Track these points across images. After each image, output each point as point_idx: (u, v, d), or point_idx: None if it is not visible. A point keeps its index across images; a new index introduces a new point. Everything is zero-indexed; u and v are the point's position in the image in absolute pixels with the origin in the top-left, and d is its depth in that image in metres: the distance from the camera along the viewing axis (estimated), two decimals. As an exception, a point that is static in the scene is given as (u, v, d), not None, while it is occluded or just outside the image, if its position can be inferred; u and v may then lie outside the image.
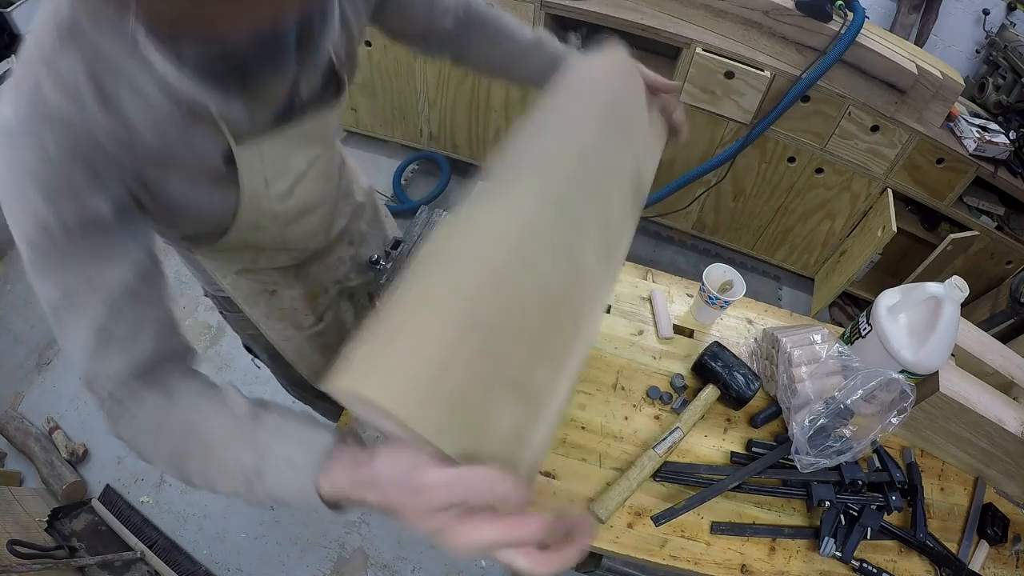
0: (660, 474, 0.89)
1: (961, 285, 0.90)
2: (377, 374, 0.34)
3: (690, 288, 1.18)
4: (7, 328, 2.08)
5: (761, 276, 2.57)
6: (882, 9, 2.38)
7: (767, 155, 2.10)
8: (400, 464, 0.39)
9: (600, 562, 1.33)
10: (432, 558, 1.66)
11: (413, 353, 0.35)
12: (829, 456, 0.86)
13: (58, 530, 1.54)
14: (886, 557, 0.90)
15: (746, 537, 0.87)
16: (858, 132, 1.92)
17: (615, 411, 0.98)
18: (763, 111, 1.92)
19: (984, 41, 2.24)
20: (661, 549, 0.85)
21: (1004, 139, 1.86)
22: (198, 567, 1.59)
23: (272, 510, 1.71)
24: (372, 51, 2.28)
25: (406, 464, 0.39)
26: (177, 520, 1.68)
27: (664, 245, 2.60)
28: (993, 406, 0.93)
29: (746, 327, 1.13)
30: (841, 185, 2.09)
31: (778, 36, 1.83)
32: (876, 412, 0.89)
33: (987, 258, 2.11)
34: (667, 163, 2.26)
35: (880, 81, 1.79)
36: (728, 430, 0.98)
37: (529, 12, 1.94)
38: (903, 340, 0.93)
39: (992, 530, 0.94)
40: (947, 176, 1.95)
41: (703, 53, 1.84)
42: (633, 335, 1.08)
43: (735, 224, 2.42)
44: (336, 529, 1.69)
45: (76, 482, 1.67)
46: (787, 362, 0.94)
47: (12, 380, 1.96)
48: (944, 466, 1.02)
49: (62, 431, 1.79)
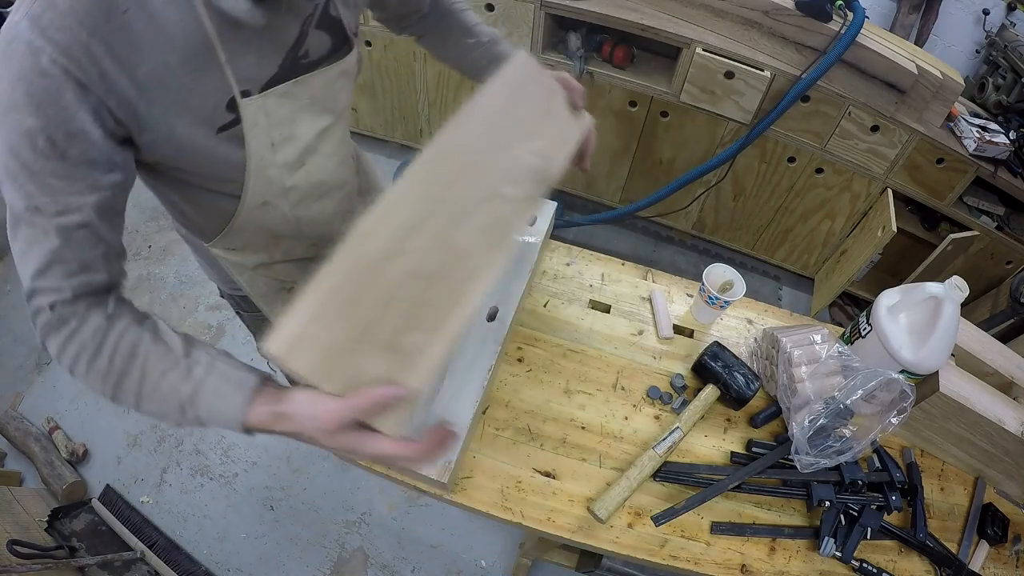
0: (660, 474, 0.89)
1: (961, 285, 0.90)
2: (278, 339, 0.49)
3: (690, 288, 1.18)
4: (7, 328, 2.08)
5: (761, 276, 2.57)
6: (882, 9, 2.38)
7: (767, 155, 2.10)
8: (305, 399, 0.51)
9: (600, 562, 1.33)
10: (432, 558, 1.66)
11: (300, 324, 0.50)
12: (829, 456, 0.86)
13: (58, 530, 1.55)
14: (886, 557, 0.90)
15: (746, 537, 0.87)
16: (858, 132, 1.92)
17: (615, 411, 0.98)
18: (763, 111, 1.92)
19: (984, 41, 2.24)
20: (661, 549, 0.85)
21: (1004, 139, 1.86)
22: (198, 567, 1.59)
23: (272, 509, 1.71)
24: (372, 51, 2.28)
25: (308, 399, 0.51)
26: (177, 520, 1.69)
27: (664, 245, 2.60)
28: (993, 406, 0.93)
29: (746, 327, 1.13)
30: (841, 185, 2.10)
31: (778, 36, 1.83)
32: (876, 412, 0.89)
33: (987, 258, 2.11)
34: (667, 163, 2.26)
35: (880, 81, 1.79)
36: (728, 430, 0.98)
37: (529, 12, 1.94)
38: (903, 340, 0.93)
39: (992, 530, 0.94)
40: (947, 176, 1.95)
41: (703, 53, 1.84)
42: (633, 335, 1.08)
43: (735, 224, 2.42)
44: (336, 529, 1.69)
45: (76, 482, 1.67)
46: (787, 362, 0.94)
47: (12, 380, 1.96)
48: (944, 466, 1.02)
49: (62, 431, 1.80)
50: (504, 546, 1.70)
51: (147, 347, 0.55)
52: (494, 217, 0.63)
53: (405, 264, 0.55)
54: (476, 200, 0.63)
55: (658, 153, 2.25)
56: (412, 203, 0.58)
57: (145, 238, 2.35)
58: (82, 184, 0.53)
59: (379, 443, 0.52)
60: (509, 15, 1.97)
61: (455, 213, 0.60)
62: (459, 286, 0.58)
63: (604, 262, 1.20)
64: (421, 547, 1.68)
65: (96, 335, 0.55)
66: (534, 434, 0.93)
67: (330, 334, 0.51)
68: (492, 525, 1.50)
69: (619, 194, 2.47)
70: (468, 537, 1.70)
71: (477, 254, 0.61)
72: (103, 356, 0.55)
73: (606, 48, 2.04)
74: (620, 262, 1.20)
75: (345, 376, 0.51)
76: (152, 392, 0.55)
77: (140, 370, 0.55)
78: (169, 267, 2.26)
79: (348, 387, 0.51)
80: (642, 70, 2.07)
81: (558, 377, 1.01)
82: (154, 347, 0.55)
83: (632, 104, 2.11)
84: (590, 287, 1.14)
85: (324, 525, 1.70)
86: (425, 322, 0.55)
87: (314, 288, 0.51)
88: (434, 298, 0.56)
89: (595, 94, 2.13)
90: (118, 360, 0.55)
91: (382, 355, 0.52)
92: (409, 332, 0.54)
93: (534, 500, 0.87)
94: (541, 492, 0.88)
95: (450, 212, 0.60)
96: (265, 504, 1.73)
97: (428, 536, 1.70)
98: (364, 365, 0.52)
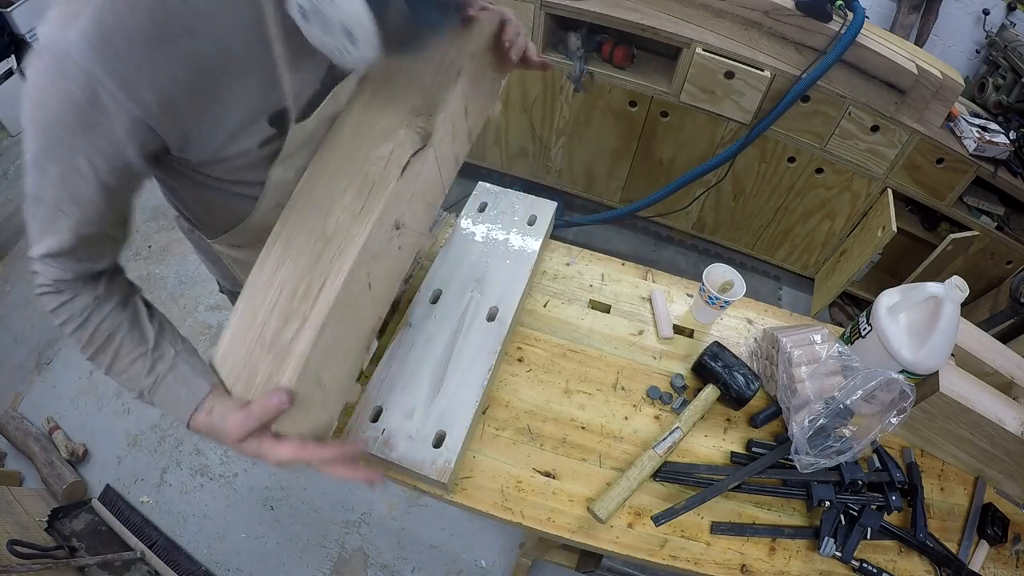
0: (660, 474, 0.89)
1: (961, 285, 0.90)
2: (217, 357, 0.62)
3: (690, 288, 1.18)
4: (7, 328, 2.08)
5: (761, 276, 2.57)
6: (882, 9, 2.38)
7: (767, 155, 2.10)
8: (218, 413, 0.59)
9: (600, 562, 1.33)
10: (432, 558, 1.66)
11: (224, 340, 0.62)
12: (829, 456, 0.86)
13: (58, 530, 1.54)
14: (886, 557, 0.90)
15: (746, 537, 0.88)
16: (858, 132, 1.92)
17: (615, 411, 0.98)
18: (763, 111, 1.92)
19: (984, 41, 2.24)
20: (661, 549, 0.85)
21: (1004, 139, 1.86)
22: (198, 567, 1.59)
23: (272, 509, 1.72)
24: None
25: (220, 413, 0.59)
26: (177, 520, 1.69)
27: (664, 245, 2.60)
28: (993, 406, 0.93)
29: (746, 327, 1.13)
30: (841, 185, 2.09)
31: (778, 36, 1.83)
32: (876, 412, 0.89)
33: (987, 258, 2.11)
34: (667, 163, 2.26)
35: (880, 81, 1.79)
36: (728, 430, 0.98)
37: (529, 12, 1.94)
38: (903, 340, 0.93)
39: (992, 530, 0.94)
40: (947, 176, 1.95)
41: (703, 53, 1.84)
42: (633, 335, 1.08)
43: (735, 224, 2.42)
44: (336, 529, 1.69)
45: (76, 482, 1.67)
46: (787, 362, 0.94)
47: (12, 380, 1.95)
48: (944, 466, 1.02)
49: (62, 431, 1.79)
50: (504, 546, 1.70)
51: (123, 334, 0.62)
52: (361, 185, 0.67)
53: (285, 270, 0.63)
54: (341, 187, 0.68)
55: (658, 153, 2.25)
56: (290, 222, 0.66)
57: (145, 238, 2.35)
58: (108, 203, 0.57)
59: (279, 448, 0.59)
60: (509, 15, 1.97)
61: (324, 205, 0.67)
62: (325, 268, 0.63)
63: (604, 262, 1.20)
64: (421, 547, 1.68)
65: (84, 311, 0.61)
66: (534, 434, 0.93)
67: (239, 345, 0.61)
68: (492, 525, 1.50)
69: (619, 194, 2.47)
70: (468, 537, 1.70)
71: (342, 230, 0.65)
72: (87, 329, 0.61)
73: (606, 48, 2.04)
74: (620, 262, 1.20)
75: (245, 378, 0.60)
76: (120, 372, 0.63)
77: (114, 352, 0.62)
78: (169, 267, 2.26)
79: (248, 388, 0.60)
80: (642, 70, 2.07)
81: (558, 377, 1.01)
82: (129, 335, 0.62)
83: (632, 104, 2.11)
84: (590, 287, 1.14)
85: (324, 525, 1.70)
86: (298, 313, 0.62)
87: (233, 312, 0.63)
88: (306, 289, 0.63)
89: (595, 94, 2.13)
90: (97, 338, 0.62)
91: (267, 354, 0.61)
92: (286, 327, 0.61)
93: (534, 500, 0.87)
94: (541, 492, 0.88)
95: (320, 206, 0.66)
96: (265, 504, 1.73)
97: (428, 536, 1.70)
98: (257, 365, 0.60)
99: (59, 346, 2.03)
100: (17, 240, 2.33)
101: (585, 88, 2.10)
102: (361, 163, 0.69)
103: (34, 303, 2.15)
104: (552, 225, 1.17)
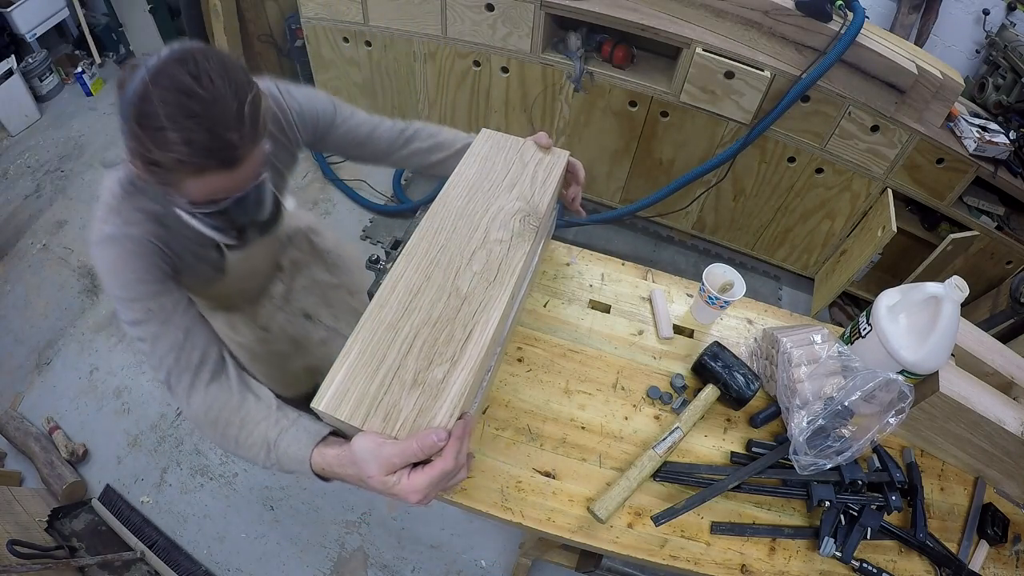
0: (660, 474, 0.89)
1: (961, 285, 0.90)
2: (323, 397, 0.66)
3: (690, 288, 1.18)
4: (7, 328, 2.08)
5: (761, 276, 2.57)
6: (882, 9, 2.38)
7: (767, 155, 2.10)
8: (368, 442, 0.63)
9: (600, 562, 1.33)
10: (432, 558, 1.67)
11: (338, 382, 0.67)
12: (828, 456, 0.86)
13: (58, 530, 1.55)
14: (886, 557, 0.90)
15: (746, 537, 0.88)
16: (858, 132, 1.92)
17: (615, 411, 0.98)
18: (763, 111, 1.92)
19: (984, 41, 2.23)
20: (661, 549, 0.85)
21: (1004, 139, 1.86)
22: (198, 567, 1.59)
23: (272, 509, 1.72)
24: (372, 51, 2.28)
25: (364, 445, 0.63)
26: (177, 520, 1.69)
27: (664, 245, 2.60)
28: (993, 406, 0.93)
29: (746, 327, 1.13)
30: (841, 185, 2.10)
31: (778, 36, 1.83)
32: (875, 412, 0.89)
33: (987, 258, 2.11)
34: (667, 163, 2.26)
35: (880, 81, 1.79)
36: (728, 430, 0.98)
37: (529, 12, 1.94)
38: (903, 340, 0.93)
39: (992, 530, 0.94)
40: (947, 176, 1.95)
41: (703, 53, 1.84)
42: (633, 335, 1.08)
43: (735, 224, 2.42)
44: (336, 529, 1.69)
45: (76, 482, 1.67)
46: (787, 362, 0.94)
47: (12, 380, 1.96)
48: (944, 466, 1.02)
49: (62, 431, 1.80)
50: (504, 546, 1.70)
51: (252, 405, 0.76)
52: (488, 259, 0.80)
53: (415, 319, 0.72)
54: (469, 251, 0.80)
55: (658, 153, 2.25)
56: (412, 271, 0.77)
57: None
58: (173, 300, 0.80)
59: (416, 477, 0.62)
60: (509, 15, 1.97)
61: (451, 266, 0.78)
62: (468, 320, 0.73)
63: (604, 262, 1.20)
64: (421, 547, 1.68)
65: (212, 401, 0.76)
66: (534, 434, 0.94)
67: (362, 385, 0.66)
68: (492, 525, 1.50)
69: (619, 194, 2.47)
70: (468, 537, 1.70)
71: (478, 292, 0.76)
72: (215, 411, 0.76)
73: (606, 48, 2.04)
74: (620, 262, 1.20)
75: (382, 413, 0.65)
76: (249, 436, 0.74)
77: (242, 420, 0.75)
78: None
79: (389, 424, 0.64)
80: (642, 70, 2.07)
81: (558, 377, 1.01)
82: (256, 405, 0.76)
83: (632, 104, 2.11)
84: (590, 287, 1.14)
85: (324, 525, 1.70)
86: (444, 357, 0.69)
87: (344, 354, 0.68)
88: (447, 337, 0.71)
89: (595, 94, 2.13)
90: (227, 414, 0.75)
91: (411, 392, 0.66)
92: (431, 369, 0.68)
93: (534, 500, 0.87)
94: (541, 492, 0.88)
95: (446, 267, 0.78)
96: (265, 504, 1.73)
97: (428, 536, 1.70)
98: (397, 402, 0.65)
99: (59, 346, 2.03)
100: (17, 240, 2.33)
101: (585, 88, 2.10)
102: (482, 237, 0.82)
103: (34, 303, 2.15)
104: (552, 225, 1.17)
